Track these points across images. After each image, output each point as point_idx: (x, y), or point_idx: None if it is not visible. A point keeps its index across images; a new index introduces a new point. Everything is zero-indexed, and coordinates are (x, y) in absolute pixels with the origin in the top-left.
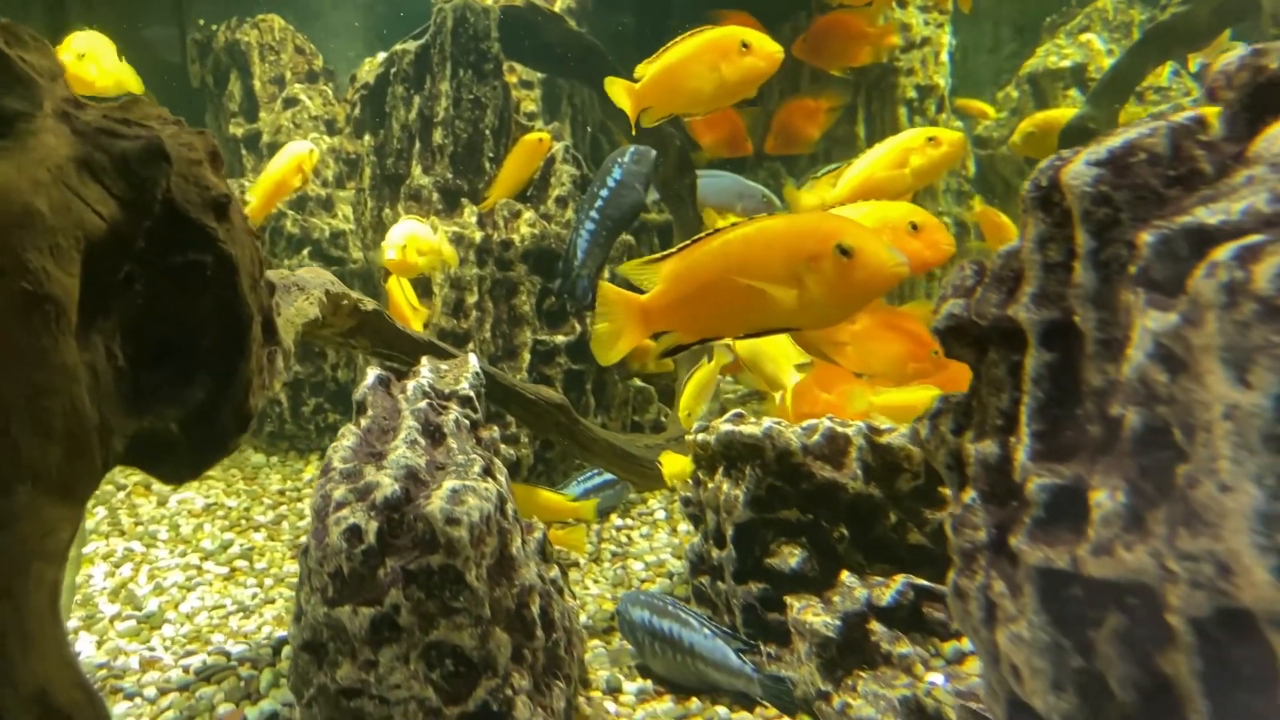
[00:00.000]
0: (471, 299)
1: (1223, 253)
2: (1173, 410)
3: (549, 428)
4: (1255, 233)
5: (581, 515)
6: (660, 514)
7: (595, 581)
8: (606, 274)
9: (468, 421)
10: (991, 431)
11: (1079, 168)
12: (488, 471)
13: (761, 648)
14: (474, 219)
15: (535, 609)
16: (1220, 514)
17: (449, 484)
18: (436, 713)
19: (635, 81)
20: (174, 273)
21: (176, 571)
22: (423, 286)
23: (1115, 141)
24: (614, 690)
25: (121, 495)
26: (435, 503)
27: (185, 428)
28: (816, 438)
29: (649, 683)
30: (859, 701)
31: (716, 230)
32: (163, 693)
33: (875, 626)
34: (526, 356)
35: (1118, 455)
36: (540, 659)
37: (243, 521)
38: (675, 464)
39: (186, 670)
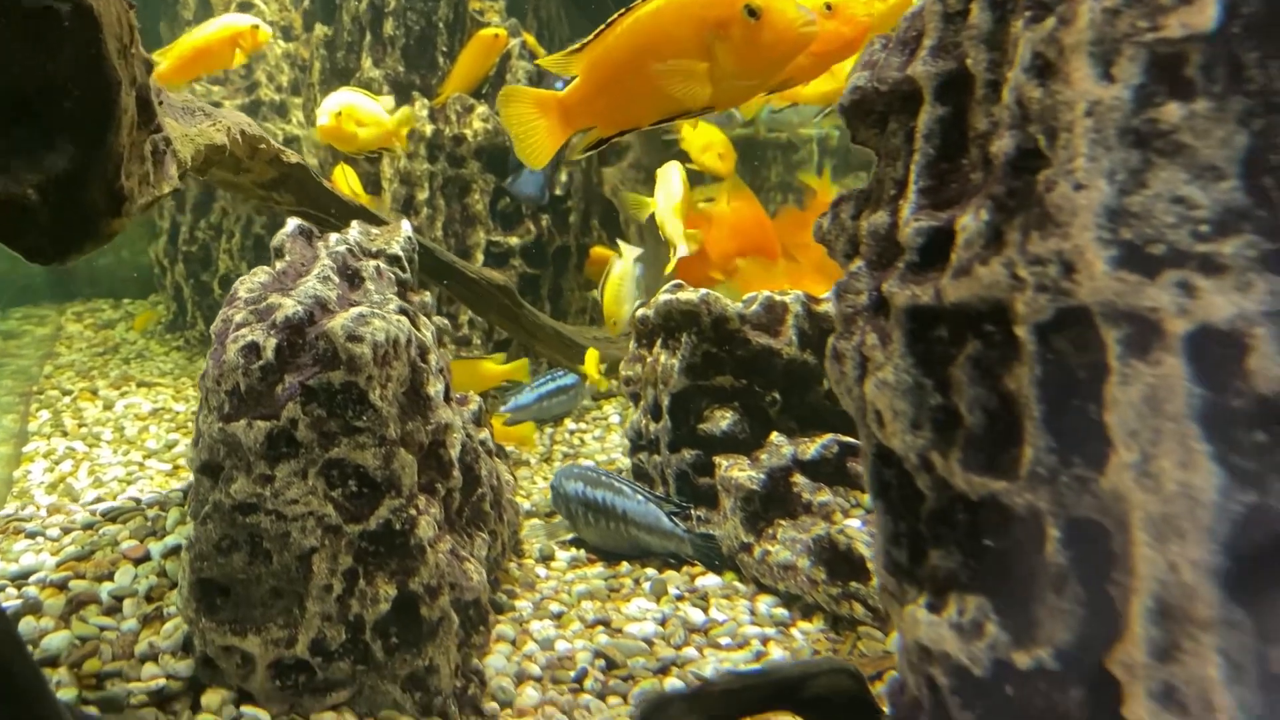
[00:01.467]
0: (422, 195)
1: None
2: (1042, 123)
3: (491, 309)
4: None
5: (514, 376)
6: (614, 418)
7: (545, 479)
8: (564, 175)
9: (392, 275)
10: (885, 202)
11: None
12: (408, 316)
13: (692, 512)
14: (425, 112)
15: (452, 451)
16: (1071, 212)
17: (356, 309)
18: (336, 530)
19: None
20: (28, 21)
21: (118, 468)
22: (374, 186)
23: None
24: (546, 558)
25: (67, 400)
26: (338, 320)
27: (46, 197)
28: (755, 307)
29: (582, 552)
30: (776, 547)
31: (626, 9)
32: (66, 531)
33: (798, 479)
34: (479, 258)
35: (989, 184)
36: (457, 500)
37: (189, 424)
38: (592, 358)
39: (94, 514)
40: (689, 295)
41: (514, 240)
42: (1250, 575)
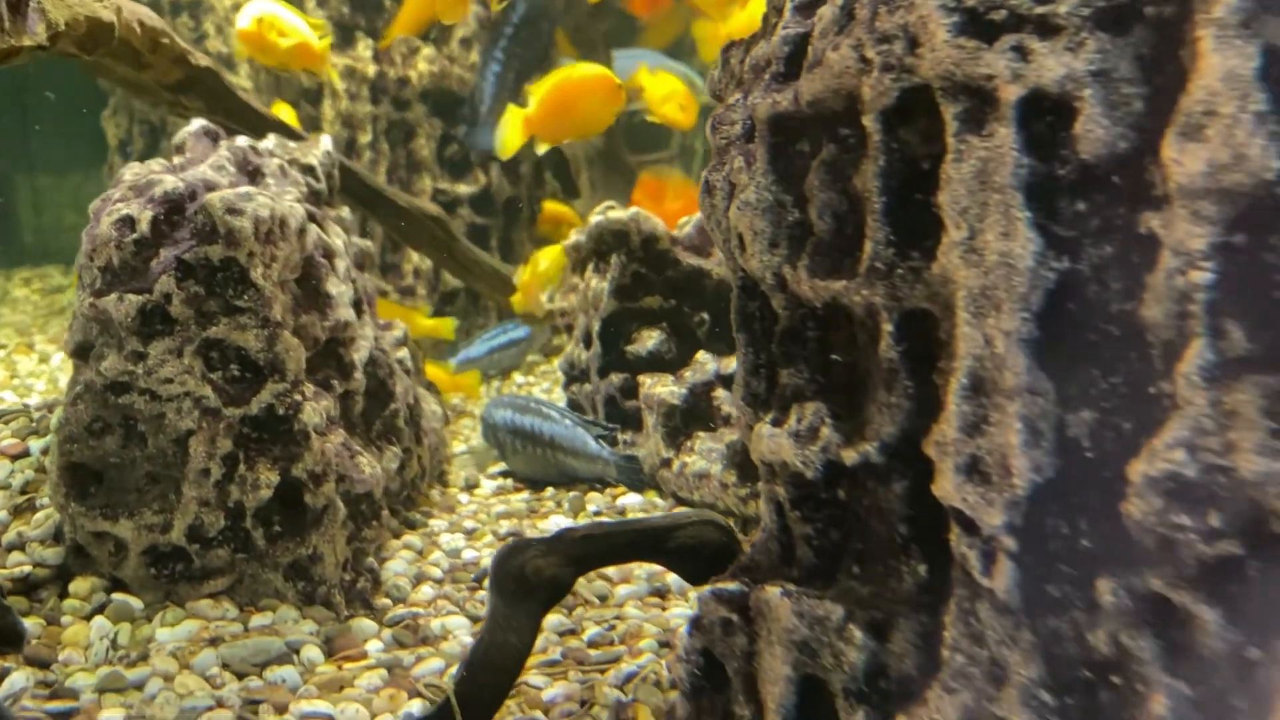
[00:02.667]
0: (365, 139)
1: None
2: None
3: (423, 241)
4: None
5: (441, 333)
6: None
7: None
8: None
9: (301, 181)
10: (768, 34)
11: None
12: (315, 221)
13: (619, 436)
14: (369, 53)
15: (354, 354)
16: None
17: (242, 188)
18: (215, 413)
19: None
20: None
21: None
22: (314, 128)
23: None
24: (471, 487)
25: (1, 354)
26: (218, 193)
27: None
28: (688, 229)
29: (509, 481)
30: (693, 458)
31: None
32: None
33: (719, 393)
34: None
35: None
36: (359, 404)
37: None
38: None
39: None
40: (619, 214)
41: (462, 189)
42: (1058, 343)
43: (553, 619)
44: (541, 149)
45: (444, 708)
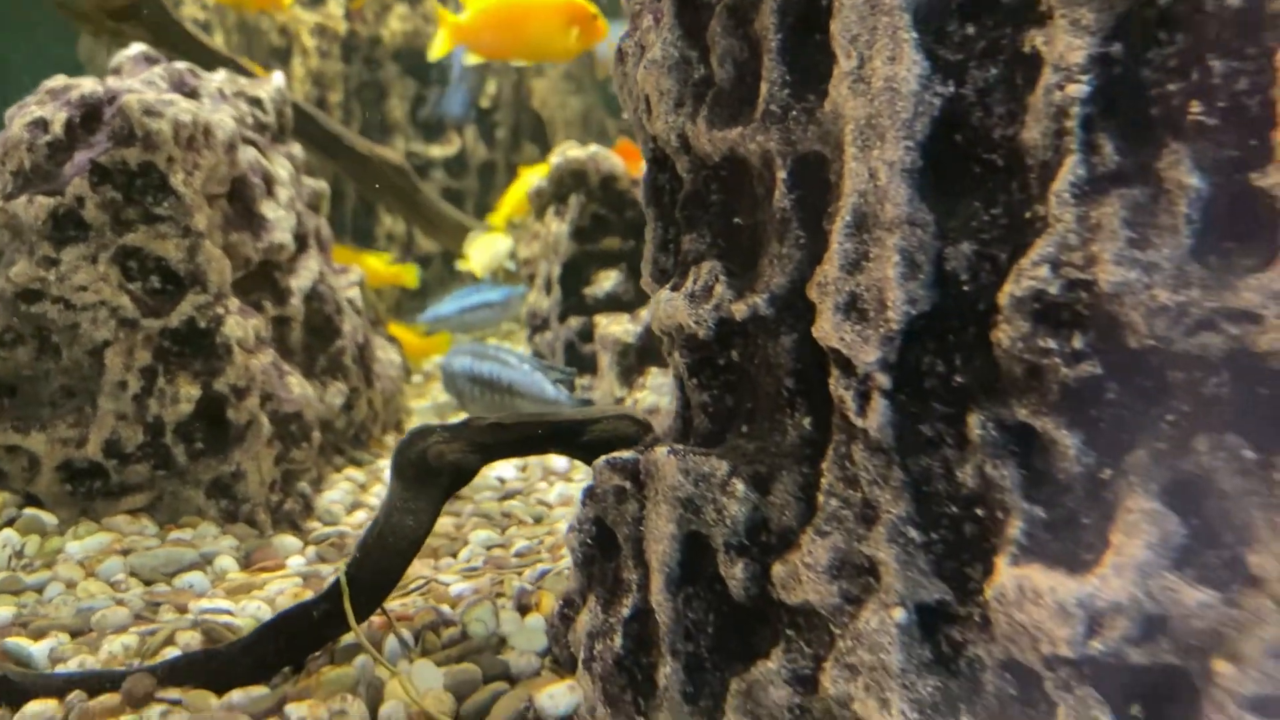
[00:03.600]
0: (336, 98)
1: None
2: None
3: (385, 190)
4: None
5: (402, 280)
6: None
7: None
8: (492, 86)
9: (247, 112)
10: None
11: None
12: (256, 147)
13: (576, 381)
14: (340, 10)
15: (291, 281)
16: None
17: (169, 95)
18: (133, 324)
19: None
20: None
21: None
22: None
23: None
24: None
25: None
26: (136, 95)
27: None
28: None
29: None
30: (644, 393)
31: None
32: None
33: None
34: None
35: None
36: (296, 332)
37: None
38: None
39: None
40: (577, 153)
41: (436, 152)
42: (942, 173)
43: (482, 534)
44: (471, 60)
45: (334, 588)
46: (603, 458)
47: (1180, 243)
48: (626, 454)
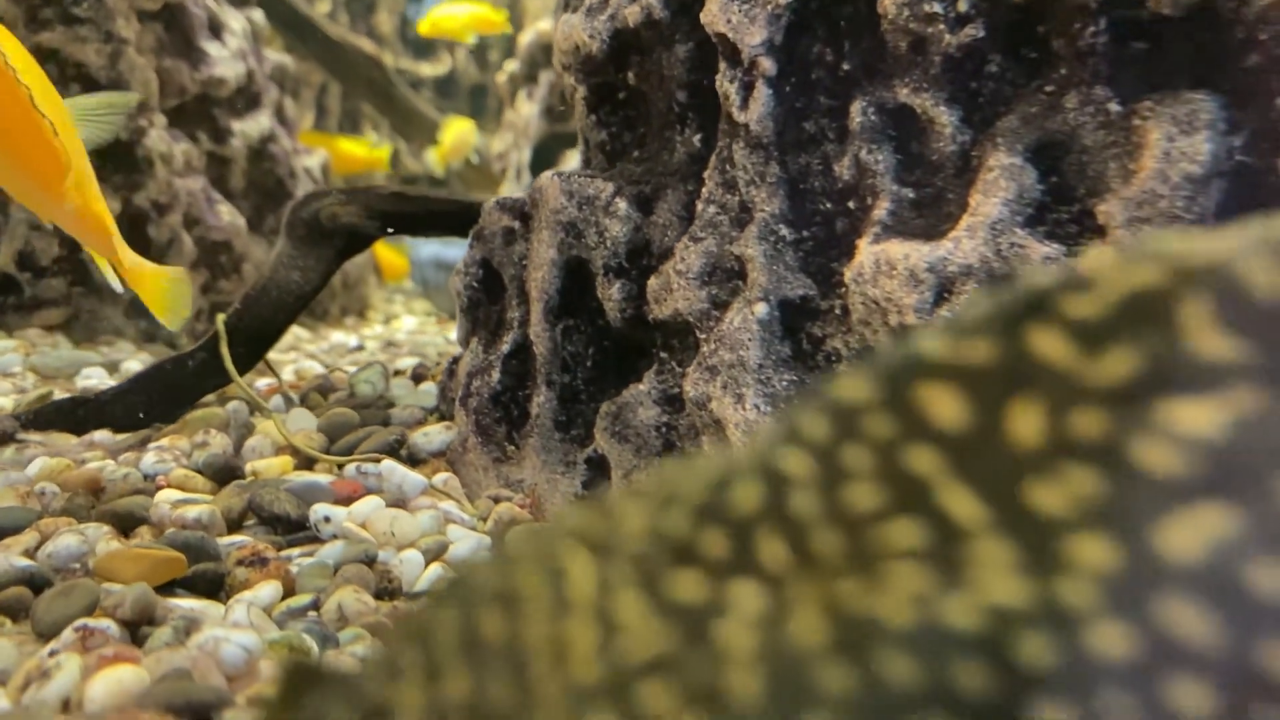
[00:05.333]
0: (324, 7)
1: None
2: None
3: (358, 82)
4: None
5: (373, 164)
6: None
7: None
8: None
9: None
10: None
11: None
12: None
13: None
14: None
15: (233, 123)
16: None
17: None
18: None
19: None
20: None
21: None
22: None
23: None
24: (390, 319)
25: None
26: None
27: None
28: None
29: (431, 317)
30: None
31: None
32: None
33: None
34: None
35: None
36: (237, 175)
37: None
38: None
39: None
40: (548, 26)
41: (426, 70)
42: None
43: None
44: None
45: (213, 338)
46: (492, 198)
47: None
48: (518, 194)
